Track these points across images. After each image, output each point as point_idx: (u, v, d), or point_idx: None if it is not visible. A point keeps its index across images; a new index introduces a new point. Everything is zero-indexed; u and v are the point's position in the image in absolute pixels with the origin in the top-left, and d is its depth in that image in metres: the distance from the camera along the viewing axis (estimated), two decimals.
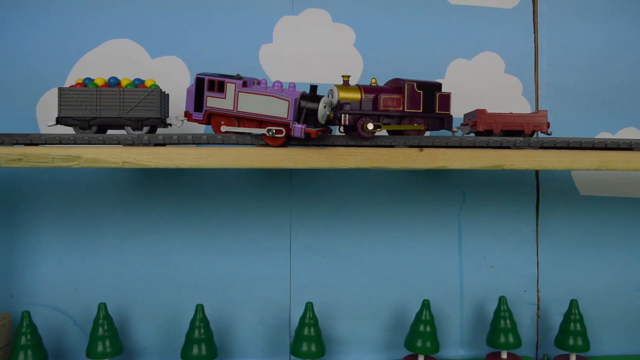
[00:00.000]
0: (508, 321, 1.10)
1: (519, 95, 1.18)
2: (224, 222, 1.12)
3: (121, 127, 0.95)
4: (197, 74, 0.92)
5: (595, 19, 1.19)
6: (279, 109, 0.87)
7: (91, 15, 1.12)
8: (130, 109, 0.94)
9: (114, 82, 0.95)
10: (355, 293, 1.13)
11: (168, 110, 1.00)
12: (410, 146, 0.93)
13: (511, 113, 0.97)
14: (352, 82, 1.13)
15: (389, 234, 1.14)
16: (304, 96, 0.88)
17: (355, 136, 0.93)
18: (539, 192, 1.19)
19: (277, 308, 1.13)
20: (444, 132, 1.07)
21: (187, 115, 0.93)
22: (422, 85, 0.94)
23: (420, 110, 0.94)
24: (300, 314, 1.08)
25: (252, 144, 0.92)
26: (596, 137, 1.06)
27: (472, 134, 1.01)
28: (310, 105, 0.87)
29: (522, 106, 1.17)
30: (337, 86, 0.93)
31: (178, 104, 1.07)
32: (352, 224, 1.13)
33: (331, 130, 0.93)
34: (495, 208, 1.16)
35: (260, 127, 0.89)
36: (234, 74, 0.95)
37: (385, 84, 0.99)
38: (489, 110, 0.97)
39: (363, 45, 1.13)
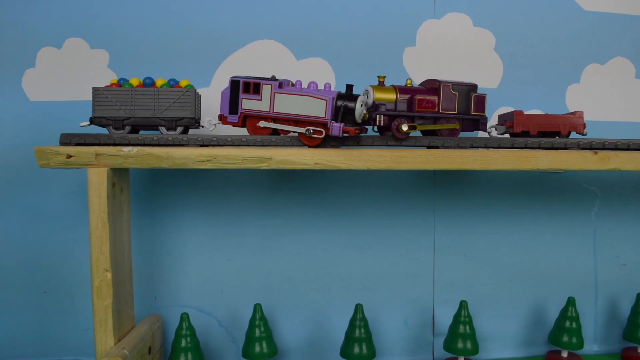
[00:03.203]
0: None
1: None
2: (369, 223, 1.14)
3: (155, 128, 0.94)
4: (232, 77, 0.92)
5: None
6: (317, 108, 0.88)
7: (238, 16, 1.12)
8: (165, 109, 0.93)
9: (149, 83, 0.95)
10: (495, 291, 1.16)
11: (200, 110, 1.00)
12: (584, 148, 0.96)
13: (547, 114, 0.99)
14: (493, 85, 1.15)
15: (528, 233, 1.17)
16: (340, 95, 0.89)
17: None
18: None
19: (421, 307, 1.15)
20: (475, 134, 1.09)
21: (222, 118, 0.93)
22: (457, 86, 0.95)
23: (455, 112, 0.95)
24: (444, 312, 1.11)
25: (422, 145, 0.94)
26: None
27: (507, 135, 1.03)
28: (347, 104, 0.88)
29: None
30: (373, 87, 0.94)
31: None
32: (493, 224, 1.16)
33: (367, 129, 0.94)
34: (629, 207, 1.20)
35: (297, 126, 0.90)
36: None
37: (420, 84, 1.00)
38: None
39: (503, 49, 1.16)
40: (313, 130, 0.88)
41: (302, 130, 0.89)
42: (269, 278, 1.13)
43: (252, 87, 0.91)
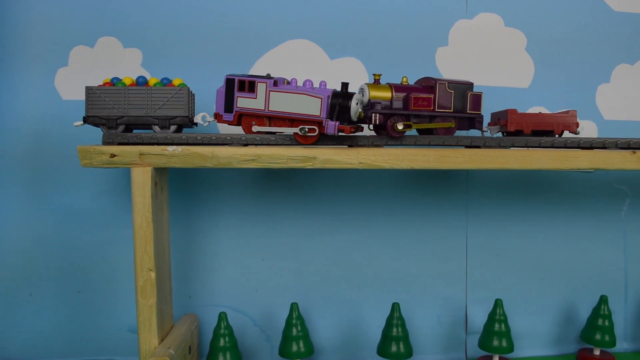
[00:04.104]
0: None
1: None
2: (402, 222, 1.14)
3: (148, 127, 0.94)
4: (227, 75, 0.91)
5: None
6: (312, 106, 0.88)
7: (272, 15, 1.12)
8: (158, 108, 0.93)
9: (142, 82, 0.94)
10: (527, 289, 1.17)
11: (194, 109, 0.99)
12: (622, 148, 0.97)
13: (541, 113, 0.98)
14: (525, 85, 1.16)
15: (559, 232, 1.18)
16: (335, 94, 0.88)
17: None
18: None
19: (454, 306, 1.16)
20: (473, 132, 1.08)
21: (217, 116, 0.93)
22: (453, 84, 0.94)
23: (451, 110, 0.94)
24: (476, 310, 1.12)
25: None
26: None
27: (501, 134, 1.02)
28: (342, 102, 0.87)
29: None
30: (368, 85, 0.93)
31: None
32: (524, 223, 1.17)
33: (362, 128, 0.93)
34: None
35: (292, 126, 0.90)
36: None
37: (415, 83, 0.99)
38: None
39: (534, 49, 1.16)
40: (308, 129, 0.88)
41: (296, 130, 0.89)
42: (303, 277, 1.13)
43: (247, 85, 0.91)
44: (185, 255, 1.10)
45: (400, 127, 0.90)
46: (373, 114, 0.90)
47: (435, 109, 0.93)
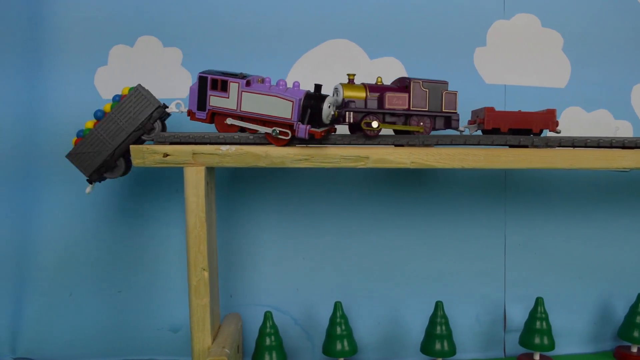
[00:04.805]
0: None
1: None
2: (441, 221, 1.15)
3: (141, 141, 0.92)
4: (200, 72, 0.91)
5: None
6: (283, 109, 0.88)
7: (311, 14, 1.12)
8: (132, 119, 0.91)
9: (100, 115, 0.92)
10: (564, 287, 1.18)
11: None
12: None
13: (520, 111, 0.98)
14: (561, 85, 1.17)
15: (596, 231, 1.19)
16: (308, 96, 0.88)
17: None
18: None
19: (492, 304, 1.16)
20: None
21: (190, 114, 0.92)
22: (428, 83, 0.94)
23: (426, 109, 0.94)
24: (515, 309, 1.13)
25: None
26: None
27: (480, 132, 1.02)
28: (315, 104, 0.87)
29: None
30: (342, 84, 0.94)
31: None
32: (562, 222, 1.18)
33: (336, 129, 0.94)
34: None
35: (264, 126, 0.89)
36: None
37: (391, 83, 1.00)
38: None
39: (571, 50, 1.17)
40: (280, 131, 0.88)
41: (269, 130, 0.89)
42: (343, 276, 1.13)
43: (220, 84, 0.90)
44: (227, 255, 1.10)
45: (374, 124, 0.90)
46: (347, 113, 0.90)
47: (410, 108, 0.93)
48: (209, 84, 0.90)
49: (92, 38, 1.10)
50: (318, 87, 0.88)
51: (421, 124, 0.94)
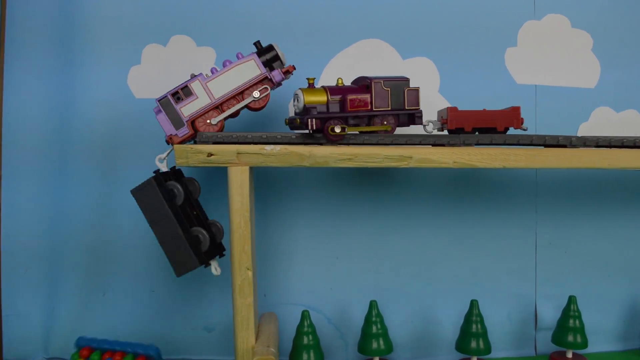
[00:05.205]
0: None
1: None
2: (473, 221, 1.16)
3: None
4: (157, 99, 0.91)
5: None
6: (250, 70, 0.91)
7: (344, 14, 1.12)
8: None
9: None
10: (594, 286, 1.19)
11: None
12: None
13: (484, 110, 0.97)
14: (591, 85, 1.18)
15: (627, 230, 1.19)
16: (259, 51, 0.92)
17: None
18: None
19: (524, 302, 1.17)
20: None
21: (172, 138, 0.91)
22: (389, 82, 0.94)
23: (389, 108, 0.93)
24: (546, 307, 1.14)
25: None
26: None
27: (445, 132, 1.00)
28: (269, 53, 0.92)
29: None
30: (302, 90, 0.92)
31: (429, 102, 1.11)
32: (593, 221, 1.19)
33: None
34: None
35: (243, 99, 0.92)
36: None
37: (351, 83, 0.99)
38: None
39: (600, 50, 1.18)
40: (259, 91, 0.91)
41: (248, 100, 0.91)
42: (377, 275, 1.14)
43: (182, 92, 0.91)
44: (261, 254, 1.10)
45: (337, 130, 0.89)
46: (309, 120, 0.88)
47: (372, 109, 0.92)
48: (172, 99, 0.91)
49: (125, 37, 1.10)
50: (259, 43, 0.94)
51: (385, 122, 0.93)
